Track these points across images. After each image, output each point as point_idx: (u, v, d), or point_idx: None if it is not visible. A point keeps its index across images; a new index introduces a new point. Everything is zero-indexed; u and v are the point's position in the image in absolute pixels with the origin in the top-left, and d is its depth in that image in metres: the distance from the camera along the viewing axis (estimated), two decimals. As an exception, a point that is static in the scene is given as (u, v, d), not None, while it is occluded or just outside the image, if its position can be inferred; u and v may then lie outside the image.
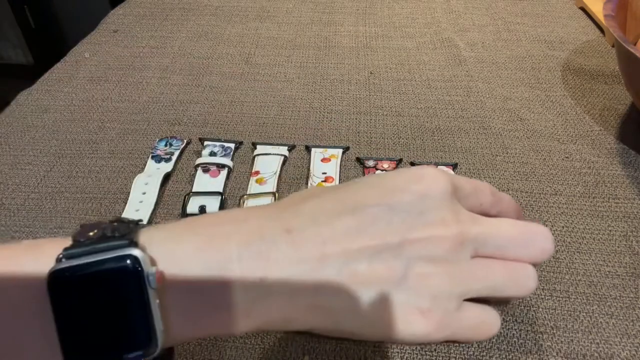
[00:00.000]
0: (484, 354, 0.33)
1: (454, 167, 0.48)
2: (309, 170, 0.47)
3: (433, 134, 0.52)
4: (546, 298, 0.37)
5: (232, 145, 0.50)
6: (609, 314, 0.36)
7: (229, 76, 0.62)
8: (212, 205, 0.43)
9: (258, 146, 0.50)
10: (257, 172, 0.47)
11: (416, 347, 0.34)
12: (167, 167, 0.48)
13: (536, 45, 0.66)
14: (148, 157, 0.49)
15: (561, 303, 0.36)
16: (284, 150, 0.49)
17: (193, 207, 0.43)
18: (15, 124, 0.54)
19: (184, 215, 0.43)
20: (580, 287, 0.37)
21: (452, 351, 0.34)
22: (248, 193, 0.45)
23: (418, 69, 0.62)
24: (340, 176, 0.47)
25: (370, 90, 0.59)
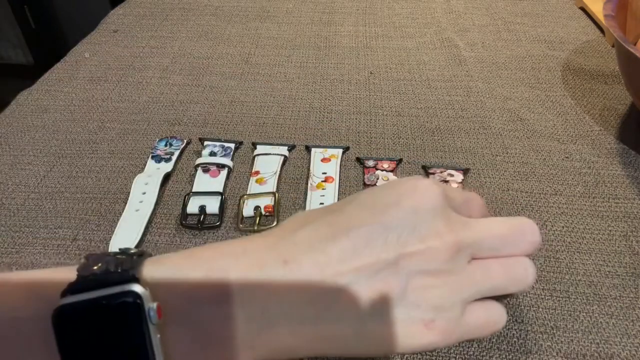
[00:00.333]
0: (484, 354, 0.33)
1: (465, 172, 0.47)
2: (309, 170, 0.47)
3: (433, 134, 0.52)
4: (546, 298, 0.37)
5: (232, 145, 0.50)
6: (609, 314, 0.36)
7: (229, 76, 0.62)
8: (212, 205, 0.43)
9: (258, 146, 0.50)
10: (257, 172, 0.47)
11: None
12: (167, 167, 0.48)
13: (536, 45, 0.66)
14: (148, 157, 0.49)
15: (561, 303, 0.36)
16: (284, 150, 0.49)
17: (193, 207, 0.43)
18: (15, 124, 0.54)
19: (184, 215, 0.43)
20: (580, 287, 0.37)
21: (452, 351, 0.34)
22: (248, 193, 0.45)
23: (418, 69, 0.62)
24: (340, 176, 0.47)
25: (370, 90, 0.59)
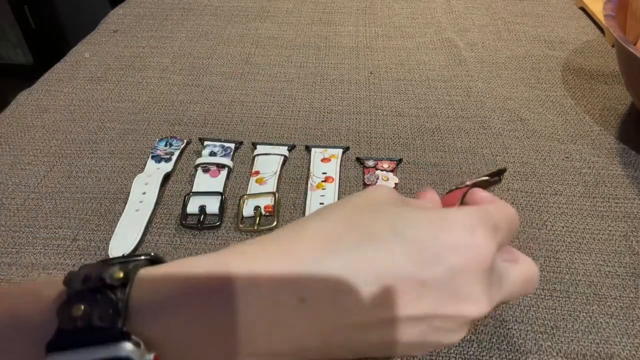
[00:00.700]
0: (484, 354, 0.33)
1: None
2: (309, 170, 0.47)
3: (433, 134, 0.52)
4: (546, 298, 0.37)
5: (232, 145, 0.50)
6: (609, 314, 0.36)
7: (229, 76, 0.61)
8: (212, 205, 0.43)
9: (258, 146, 0.50)
10: (257, 172, 0.47)
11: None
12: (167, 167, 0.48)
13: (536, 45, 0.66)
14: (148, 157, 0.49)
15: (561, 303, 0.36)
16: (284, 150, 0.49)
17: (193, 207, 0.43)
18: (15, 124, 0.54)
19: (184, 215, 0.43)
20: (580, 287, 0.37)
21: (452, 351, 0.34)
22: (248, 193, 0.45)
23: (418, 69, 0.62)
24: (340, 176, 0.47)
25: (370, 90, 0.59)
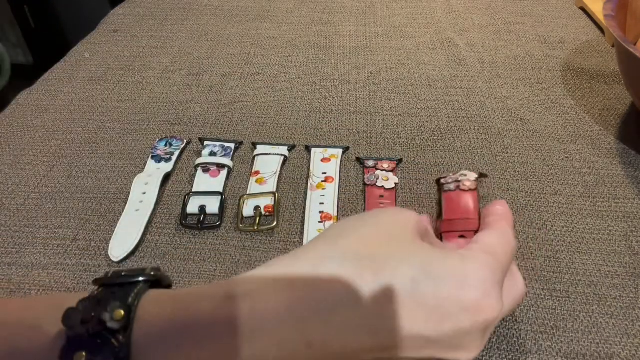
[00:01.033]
0: (484, 354, 0.33)
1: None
2: (309, 170, 0.47)
3: (433, 134, 0.52)
4: (546, 298, 0.37)
5: (232, 145, 0.50)
6: (609, 314, 0.36)
7: (229, 76, 0.62)
8: (212, 205, 0.43)
9: (258, 146, 0.50)
10: (257, 172, 0.47)
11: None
12: (167, 167, 0.48)
13: (536, 45, 0.66)
14: (148, 157, 0.49)
15: (561, 303, 0.36)
16: (284, 150, 0.49)
17: (193, 207, 0.43)
18: (15, 124, 0.54)
19: (184, 215, 0.43)
20: (580, 287, 0.37)
21: (452, 351, 0.34)
22: (248, 193, 0.45)
23: (418, 69, 0.62)
24: (340, 176, 0.47)
25: (370, 90, 0.59)
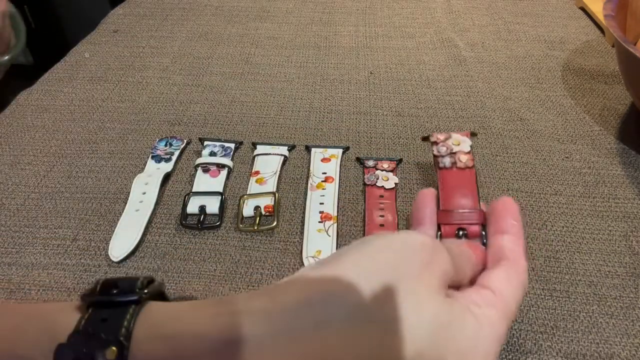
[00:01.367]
0: (484, 354, 0.33)
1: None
2: (309, 170, 0.47)
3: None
4: (546, 298, 0.37)
5: (232, 145, 0.50)
6: (609, 314, 0.36)
7: (229, 76, 0.62)
8: (212, 205, 0.43)
9: (258, 146, 0.50)
10: (257, 172, 0.47)
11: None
12: (167, 167, 0.48)
13: (536, 45, 0.66)
14: (148, 157, 0.49)
15: (561, 303, 0.36)
16: (284, 150, 0.49)
17: (193, 207, 0.43)
18: (15, 124, 0.54)
19: (184, 215, 0.43)
20: (580, 287, 0.37)
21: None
22: (248, 193, 0.45)
23: (418, 69, 0.62)
24: (340, 176, 0.47)
25: (370, 90, 0.59)
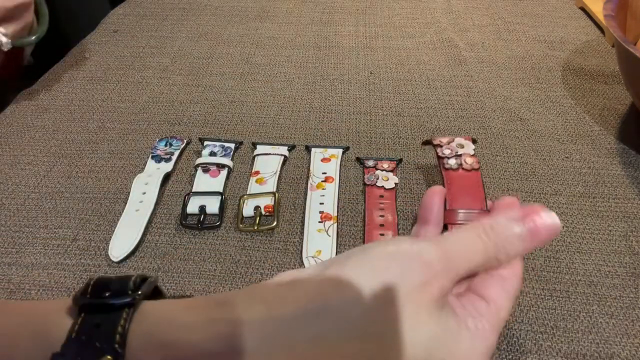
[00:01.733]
0: (484, 354, 0.33)
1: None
2: (309, 170, 0.47)
3: (433, 134, 0.52)
4: (546, 298, 0.37)
5: (232, 145, 0.50)
6: (609, 314, 0.36)
7: (229, 76, 0.62)
8: (212, 205, 0.43)
9: (258, 146, 0.50)
10: (257, 172, 0.47)
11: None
12: (167, 167, 0.48)
13: (536, 45, 0.66)
14: (148, 157, 0.49)
15: (561, 303, 0.36)
16: (284, 150, 0.49)
17: (193, 207, 0.43)
18: (15, 124, 0.54)
19: (184, 215, 0.43)
20: (580, 287, 0.37)
21: (452, 351, 0.34)
22: (248, 193, 0.45)
23: (418, 69, 0.62)
24: (340, 176, 0.47)
25: (370, 90, 0.59)
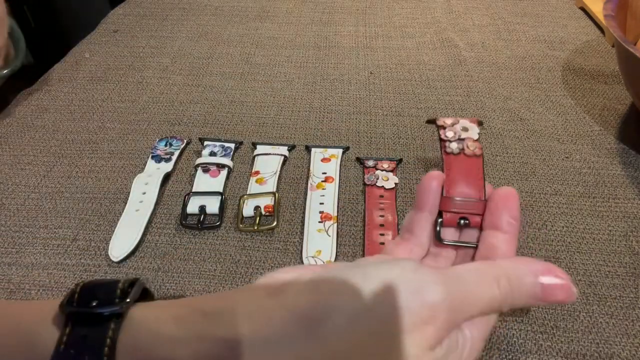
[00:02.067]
0: (484, 354, 0.33)
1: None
2: (309, 170, 0.47)
3: (433, 134, 0.52)
4: (546, 298, 0.37)
5: (232, 145, 0.50)
6: (609, 314, 0.36)
7: (229, 76, 0.62)
8: (212, 205, 0.43)
9: (258, 146, 0.50)
10: (257, 172, 0.47)
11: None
12: (167, 167, 0.48)
13: (536, 45, 0.66)
14: (148, 157, 0.49)
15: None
16: (284, 150, 0.49)
17: (193, 207, 0.43)
18: (15, 124, 0.54)
19: (184, 215, 0.43)
20: (580, 287, 0.37)
21: (452, 351, 0.34)
22: (248, 193, 0.45)
23: (418, 69, 0.62)
24: (340, 176, 0.47)
25: (370, 90, 0.59)
